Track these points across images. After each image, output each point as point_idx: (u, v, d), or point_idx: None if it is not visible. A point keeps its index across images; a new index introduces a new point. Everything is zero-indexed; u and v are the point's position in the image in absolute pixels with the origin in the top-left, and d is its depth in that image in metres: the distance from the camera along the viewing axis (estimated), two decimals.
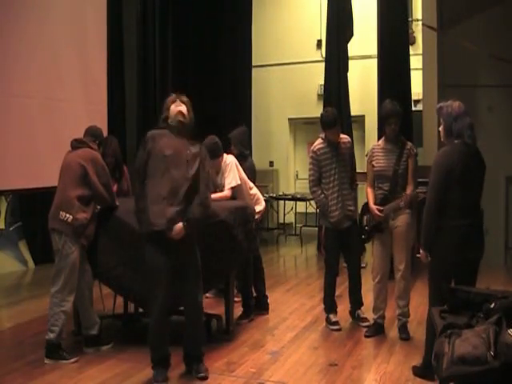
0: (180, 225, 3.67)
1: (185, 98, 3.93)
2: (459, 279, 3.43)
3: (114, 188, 4.65)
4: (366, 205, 4.74)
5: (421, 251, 3.66)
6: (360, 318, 5.00)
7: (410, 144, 4.63)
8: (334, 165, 4.84)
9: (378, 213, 4.55)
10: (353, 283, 5.05)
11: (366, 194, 4.74)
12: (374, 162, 4.64)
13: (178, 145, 3.79)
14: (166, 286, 3.69)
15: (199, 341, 3.88)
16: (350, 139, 5.01)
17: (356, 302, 5.04)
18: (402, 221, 4.54)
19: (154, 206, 3.68)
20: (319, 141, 4.94)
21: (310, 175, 4.96)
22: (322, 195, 4.89)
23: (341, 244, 4.94)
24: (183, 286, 3.78)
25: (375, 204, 4.60)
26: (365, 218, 4.71)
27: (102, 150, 4.65)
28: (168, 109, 3.88)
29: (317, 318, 5.24)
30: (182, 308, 4.03)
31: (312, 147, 4.98)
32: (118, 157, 4.91)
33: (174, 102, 3.88)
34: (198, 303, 3.84)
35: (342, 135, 4.97)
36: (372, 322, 4.79)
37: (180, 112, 3.84)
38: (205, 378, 3.81)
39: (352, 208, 4.92)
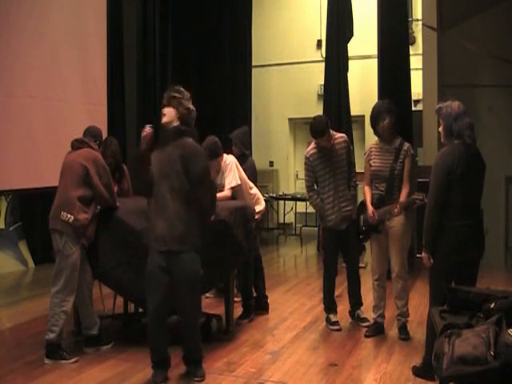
0: None
1: (170, 96, 3.80)
2: (459, 279, 3.43)
3: (115, 189, 4.64)
4: (362, 204, 4.74)
5: (423, 253, 3.65)
6: (360, 318, 5.01)
7: (407, 144, 4.61)
8: (328, 168, 4.83)
9: (372, 215, 4.54)
10: (352, 283, 5.04)
11: (364, 193, 4.74)
12: (371, 162, 4.63)
13: (162, 155, 3.75)
14: (163, 287, 3.68)
15: (196, 345, 3.86)
16: (345, 137, 4.95)
17: (355, 302, 5.04)
18: (397, 222, 4.52)
19: (153, 224, 3.74)
20: (312, 145, 4.92)
21: (305, 181, 4.98)
22: (318, 199, 4.89)
23: (339, 244, 4.95)
24: (178, 291, 3.73)
25: (372, 203, 4.60)
26: (361, 217, 4.70)
27: (102, 151, 4.66)
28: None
29: (317, 318, 5.24)
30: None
31: (305, 153, 4.97)
32: (117, 158, 4.91)
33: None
34: (192, 310, 3.80)
35: (337, 134, 4.92)
36: (372, 321, 4.80)
37: (164, 124, 3.78)
38: (200, 382, 3.80)
39: (349, 208, 4.88)
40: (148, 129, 3.72)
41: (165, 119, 3.78)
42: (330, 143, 4.83)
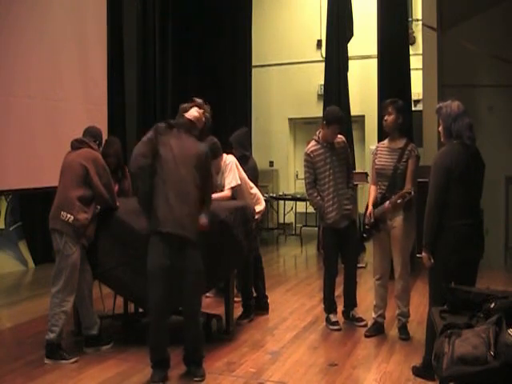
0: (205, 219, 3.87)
1: (202, 103, 4.05)
2: (459, 279, 3.42)
3: (116, 188, 4.65)
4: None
5: (423, 253, 3.65)
6: (355, 318, 5.01)
7: (411, 145, 4.61)
8: (329, 166, 4.84)
9: (368, 216, 4.57)
10: (348, 284, 5.03)
11: (369, 192, 4.76)
12: (376, 160, 4.65)
13: (186, 144, 3.83)
14: (164, 287, 3.68)
15: (197, 344, 3.86)
16: (344, 139, 5.00)
17: (350, 302, 5.04)
18: (398, 222, 4.52)
19: (164, 206, 3.69)
20: (313, 143, 4.94)
21: (305, 178, 4.97)
22: (318, 197, 4.89)
23: (339, 243, 4.94)
24: (182, 290, 3.74)
25: (375, 202, 4.60)
26: (366, 216, 4.70)
27: (105, 150, 4.67)
28: (186, 111, 3.98)
29: (317, 317, 5.24)
30: (181, 308, 4.03)
31: (306, 150, 4.98)
32: (120, 157, 4.93)
33: (194, 107, 3.99)
34: (195, 308, 3.81)
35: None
36: (372, 321, 4.79)
37: (192, 115, 3.94)
38: (200, 382, 3.79)
39: (349, 207, 4.91)
40: None
41: (197, 115, 3.95)
42: (335, 137, 4.85)
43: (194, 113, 3.95)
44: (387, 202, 4.44)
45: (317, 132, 4.99)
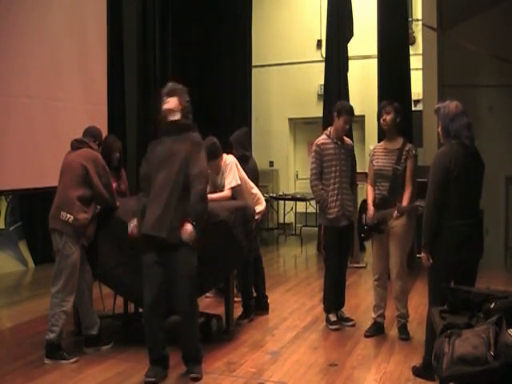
0: (189, 226, 3.64)
1: (172, 88, 3.86)
2: (459, 279, 3.43)
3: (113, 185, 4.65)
4: (364, 203, 4.75)
5: (422, 253, 3.65)
6: (343, 318, 5.01)
7: (409, 145, 4.63)
8: (335, 162, 4.85)
9: (372, 217, 4.56)
10: (338, 283, 5.02)
11: (366, 192, 4.76)
12: (374, 162, 4.66)
13: (168, 147, 3.78)
14: (157, 286, 3.69)
15: (194, 343, 3.85)
16: (351, 142, 5.06)
17: (338, 302, 5.04)
18: (398, 222, 4.51)
19: (145, 215, 3.76)
20: (323, 136, 4.96)
21: (311, 169, 4.95)
22: (323, 190, 4.88)
23: (339, 243, 4.93)
24: (173, 290, 3.74)
25: (374, 203, 4.61)
26: (363, 216, 4.70)
27: (109, 143, 4.70)
28: (159, 111, 3.89)
29: (317, 317, 5.24)
30: None
31: (316, 141, 4.99)
32: (121, 154, 4.96)
33: (162, 101, 3.86)
34: (188, 308, 3.79)
35: (344, 137, 5.00)
36: (372, 321, 4.79)
37: (167, 110, 3.82)
38: (196, 379, 3.78)
39: (351, 209, 4.93)
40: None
41: (168, 105, 3.81)
42: (345, 130, 4.91)
43: (165, 106, 3.83)
44: (395, 213, 4.42)
45: (328, 128, 5.05)
